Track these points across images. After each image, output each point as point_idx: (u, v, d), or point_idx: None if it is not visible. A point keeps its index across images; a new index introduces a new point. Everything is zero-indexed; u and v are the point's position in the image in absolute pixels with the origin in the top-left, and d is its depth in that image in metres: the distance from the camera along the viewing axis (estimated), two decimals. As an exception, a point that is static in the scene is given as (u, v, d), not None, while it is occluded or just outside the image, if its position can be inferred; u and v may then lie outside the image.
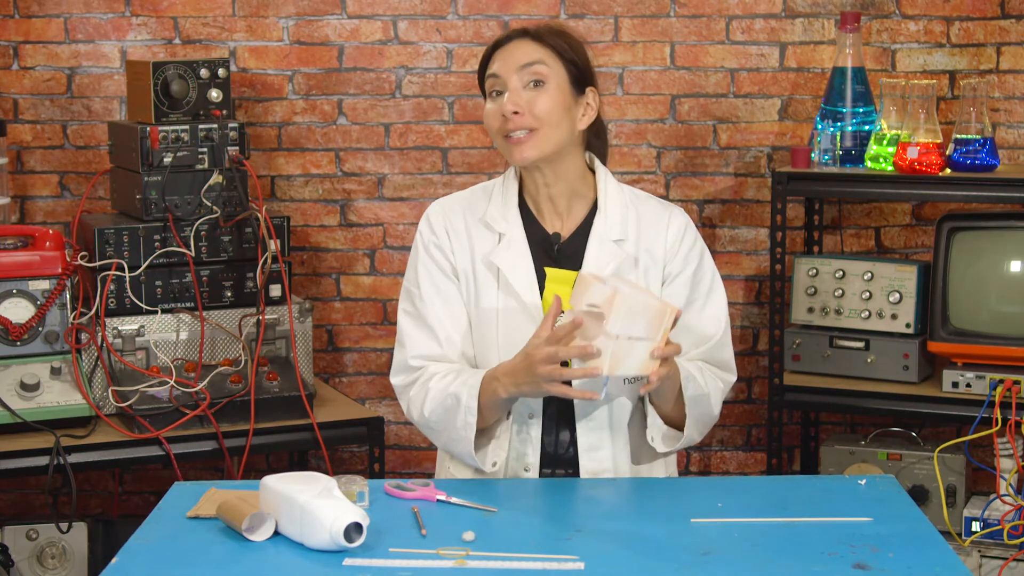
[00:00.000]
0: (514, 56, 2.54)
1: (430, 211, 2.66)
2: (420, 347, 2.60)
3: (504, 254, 2.59)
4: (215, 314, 3.47)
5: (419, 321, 2.61)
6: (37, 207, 3.95)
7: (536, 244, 2.60)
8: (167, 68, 3.48)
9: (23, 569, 3.52)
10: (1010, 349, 3.59)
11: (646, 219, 2.62)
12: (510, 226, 2.60)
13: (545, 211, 2.62)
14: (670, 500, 2.42)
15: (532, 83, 2.53)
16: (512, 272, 2.57)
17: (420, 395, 2.56)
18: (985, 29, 4.00)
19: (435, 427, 2.55)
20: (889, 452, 3.78)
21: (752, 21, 4.00)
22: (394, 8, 3.97)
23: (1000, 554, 3.58)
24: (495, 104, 2.55)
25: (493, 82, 2.55)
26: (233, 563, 2.15)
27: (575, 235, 2.61)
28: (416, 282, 2.63)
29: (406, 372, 2.61)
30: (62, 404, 3.29)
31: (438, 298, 2.61)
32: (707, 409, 2.56)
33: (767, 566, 2.11)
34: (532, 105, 2.51)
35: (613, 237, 2.59)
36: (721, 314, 2.64)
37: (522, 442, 2.57)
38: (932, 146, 3.62)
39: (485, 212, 2.63)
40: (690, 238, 2.63)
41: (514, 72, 2.53)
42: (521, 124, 2.51)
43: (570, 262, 2.59)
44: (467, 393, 2.48)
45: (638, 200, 2.66)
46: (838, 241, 4.10)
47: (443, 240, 2.62)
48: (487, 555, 2.14)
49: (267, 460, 4.04)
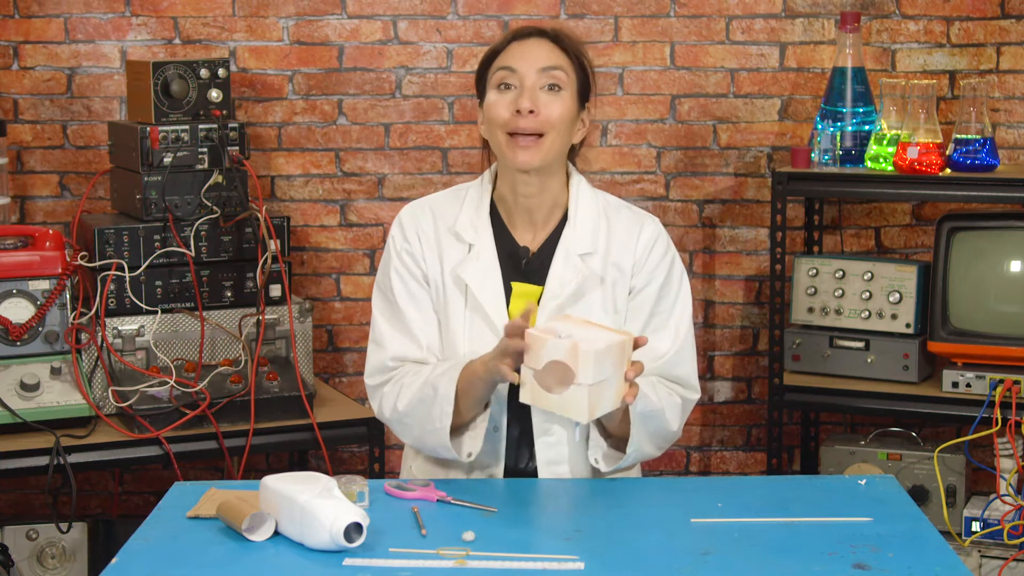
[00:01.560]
0: (536, 54, 2.50)
1: (403, 215, 2.63)
2: (400, 349, 2.58)
3: (473, 267, 2.55)
4: (215, 314, 3.47)
5: (397, 324, 2.59)
6: (37, 207, 3.95)
7: (505, 256, 2.57)
8: (167, 68, 3.48)
9: (23, 569, 3.52)
10: (1010, 349, 3.59)
11: (616, 231, 2.58)
12: (480, 237, 2.57)
13: (518, 220, 2.59)
14: (670, 500, 2.42)
15: (548, 87, 2.50)
16: (480, 288, 2.54)
17: (394, 391, 2.54)
18: (985, 29, 4.00)
19: (408, 421, 2.52)
20: (889, 452, 3.78)
21: (752, 21, 4.00)
22: (394, 8, 3.97)
23: (1000, 554, 3.58)
24: (504, 97, 2.50)
25: (506, 75, 2.50)
26: (233, 563, 2.15)
27: (544, 247, 2.57)
28: (390, 288, 2.60)
29: (382, 372, 2.59)
30: (62, 404, 3.29)
31: (412, 304, 2.58)
32: (661, 425, 2.50)
33: (767, 566, 2.11)
34: (547, 108, 2.48)
35: (580, 251, 2.55)
36: (682, 329, 2.58)
37: (486, 454, 2.55)
38: (932, 146, 3.62)
39: (456, 220, 2.59)
40: (659, 251, 2.58)
41: (534, 71, 2.49)
42: (533, 125, 2.47)
43: (537, 276, 2.56)
44: (444, 382, 2.45)
45: (611, 209, 2.61)
46: (838, 241, 4.10)
47: (414, 246, 2.59)
48: (487, 555, 2.14)
49: (267, 460, 4.03)
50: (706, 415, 4.09)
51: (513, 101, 2.48)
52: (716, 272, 4.09)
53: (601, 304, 2.55)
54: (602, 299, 2.56)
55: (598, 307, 2.55)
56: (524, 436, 2.56)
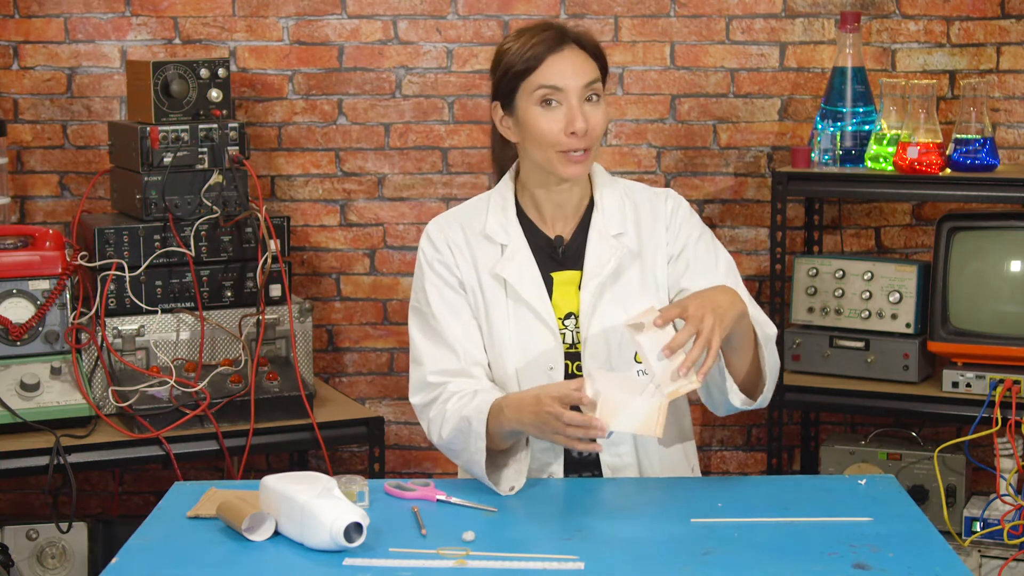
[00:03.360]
0: (577, 70, 2.52)
1: (429, 228, 2.64)
2: (438, 363, 2.57)
3: (508, 265, 2.58)
4: (215, 314, 3.47)
5: (434, 337, 2.58)
6: (37, 207, 3.95)
7: (539, 250, 2.60)
8: (167, 68, 3.48)
9: (23, 569, 3.52)
10: (1010, 349, 3.59)
11: (642, 208, 2.63)
12: (511, 236, 2.59)
13: (547, 216, 2.61)
14: (670, 500, 2.42)
15: (587, 99, 2.52)
16: (519, 282, 2.56)
17: (439, 418, 2.53)
18: (985, 29, 4.00)
19: (454, 448, 2.51)
20: (889, 452, 3.78)
21: (752, 21, 4.00)
22: (394, 8, 3.97)
23: (1000, 554, 3.58)
24: (552, 115, 2.50)
25: (551, 92, 2.51)
26: (233, 563, 2.15)
27: (575, 235, 2.61)
28: (426, 301, 2.60)
29: (425, 390, 2.57)
30: (62, 404, 3.29)
31: (450, 313, 2.58)
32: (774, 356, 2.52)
33: (767, 566, 2.11)
34: (592, 122, 2.51)
35: (612, 232, 2.59)
36: (731, 272, 2.61)
37: (543, 451, 2.56)
38: (932, 146, 3.62)
39: (484, 225, 2.61)
40: (685, 212, 2.63)
41: (579, 87, 2.51)
42: (584, 143, 2.51)
43: (573, 263, 2.59)
44: (476, 418, 2.45)
45: (631, 191, 2.66)
46: (838, 241, 4.10)
47: (446, 255, 2.60)
48: (487, 555, 2.14)
49: (267, 460, 4.03)
50: (706, 415, 4.09)
51: (562, 120, 2.50)
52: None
53: (640, 280, 2.58)
54: (640, 276, 2.58)
55: (636, 284, 2.58)
56: None
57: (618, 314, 2.54)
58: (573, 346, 2.57)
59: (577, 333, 2.57)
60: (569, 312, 2.58)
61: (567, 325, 2.57)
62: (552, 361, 2.55)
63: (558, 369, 2.55)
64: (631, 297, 2.56)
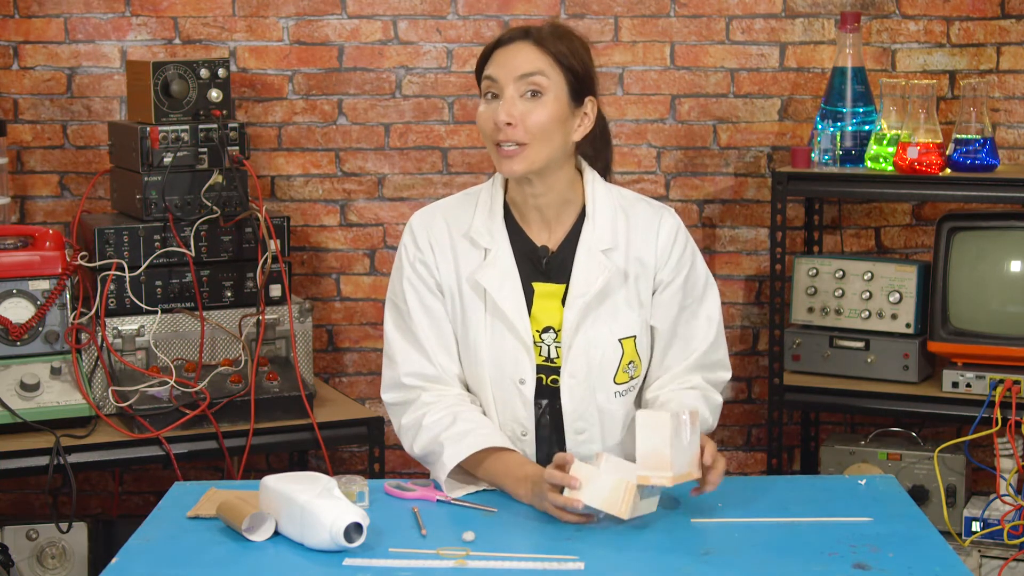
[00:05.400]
0: (514, 62, 2.45)
1: (413, 222, 2.59)
2: (413, 365, 2.55)
3: (490, 272, 2.52)
4: (215, 314, 3.47)
5: (409, 337, 2.56)
6: (37, 207, 3.95)
7: (523, 258, 2.54)
8: (167, 68, 3.48)
9: (23, 569, 3.52)
10: (1010, 349, 3.59)
11: (636, 224, 2.56)
12: (495, 241, 2.53)
13: (532, 221, 2.55)
14: (670, 500, 2.42)
15: (529, 93, 2.44)
16: (499, 292, 2.51)
17: (413, 429, 2.52)
18: (985, 29, 4.00)
19: (425, 461, 2.52)
20: (889, 452, 3.78)
21: (752, 21, 4.00)
22: (394, 8, 3.97)
23: (1000, 554, 3.58)
24: (488, 108, 2.46)
25: (489, 84, 2.47)
26: (233, 563, 2.15)
27: (563, 246, 2.54)
28: (403, 298, 2.57)
29: (399, 390, 2.56)
30: (62, 404, 3.29)
31: (426, 317, 2.55)
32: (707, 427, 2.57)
33: (767, 566, 2.11)
34: (526, 118, 2.43)
35: (602, 247, 2.52)
36: (714, 316, 2.61)
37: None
38: (932, 146, 3.62)
39: (470, 226, 2.55)
40: (681, 242, 2.58)
41: (512, 80, 2.44)
42: (512, 136, 2.43)
43: (558, 274, 2.54)
44: (448, 454, 2.43)
45: (628, 203, 2.58)
46: (838, 241, 4.10)
47: (427, 255, 2.55)
48: (487, 555, 2.14)
49: (267, 460, 4.04)
50: (706, 415, 4.09)
51: (495, 112, 2.45)
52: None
53: (625, 300, 2.54)
54: (626, 296, 2.54)
55: (623, 304, 2.54)
56: (556, 437, 2.56)
57: (602, 332, 2.52)
58: (550, 359, 2.53)
59: (557, 347, 2.52)
60: (548, 326, 2.53)
61: (544, 339, 2.53)
62: (523, 375, 2.51)
63: (529, 383, 2.52)
64: (616, 316, 2.53)
